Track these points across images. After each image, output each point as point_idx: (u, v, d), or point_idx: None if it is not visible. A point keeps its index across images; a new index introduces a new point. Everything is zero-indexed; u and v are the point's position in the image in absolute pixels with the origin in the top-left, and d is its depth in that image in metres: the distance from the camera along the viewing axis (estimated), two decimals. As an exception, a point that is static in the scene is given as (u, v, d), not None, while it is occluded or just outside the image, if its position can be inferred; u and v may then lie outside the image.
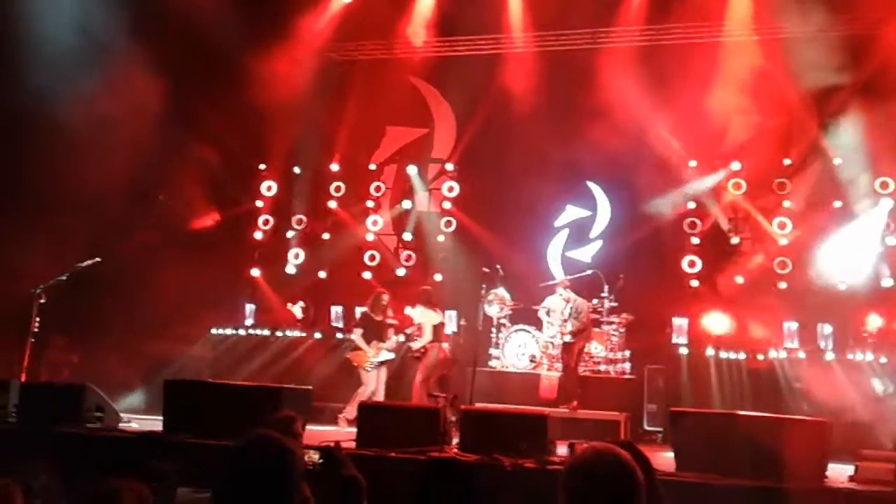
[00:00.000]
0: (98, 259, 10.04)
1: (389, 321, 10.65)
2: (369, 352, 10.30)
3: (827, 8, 11.23)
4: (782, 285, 11.80)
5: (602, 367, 11.52)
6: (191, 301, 12.04)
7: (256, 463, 2.65)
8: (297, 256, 13.92)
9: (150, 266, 12.02)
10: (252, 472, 2.63)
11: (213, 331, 13.21)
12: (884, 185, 11.56)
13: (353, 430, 8.20)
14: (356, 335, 10.48)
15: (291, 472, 2.66)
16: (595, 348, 11.56)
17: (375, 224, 13.87)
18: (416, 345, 10.43)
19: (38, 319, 9.66)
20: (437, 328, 10.48)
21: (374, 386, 10.28)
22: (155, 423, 8.52)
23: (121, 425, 8.57)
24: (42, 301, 9.64)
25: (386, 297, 10.66)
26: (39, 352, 10.40)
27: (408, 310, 11.03)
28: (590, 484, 2.36)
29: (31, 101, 10.27)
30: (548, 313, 11.45)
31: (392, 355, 10.46)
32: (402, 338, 10.52)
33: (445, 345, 10.56)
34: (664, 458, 7.53)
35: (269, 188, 14.04)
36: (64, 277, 9.78)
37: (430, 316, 10.46)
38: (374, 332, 10.43)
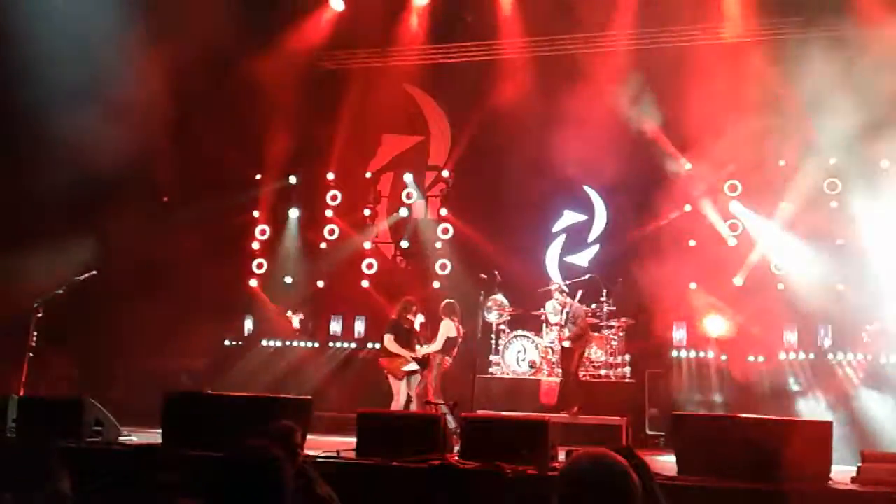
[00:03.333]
0: (95, 272, 10.01)
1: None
2: (407, 356, 9.99)
3: (819, 8, 11.31)
4: (780, 287, 11.79)
5: (602, 372, 11.51)
6: (190, 313, 12.02)
7: (245, 472, 2.64)
8: (294, 266, 13.89)
9: (149, 278, 12.01)
10: (241, 482, 2.62)
11: (213, 342, 13.20)
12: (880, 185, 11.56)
13: (353, 439, 8.16)
14: (388, 341, 10.08)
15: (281, 480, 2.65)
16: (595, 353, 11.55)
17: (373, 232, 13.87)
18: (421, 350, 10.16)
19: (35, 334, 9.63)
20: (450, 341, 10.27)
21: (404, 397, 9.98)
22: (154, 436, 8.48)
23: (120, 439, 8.54)
24: (40, 315, 9.60)
25: (415, 305, 10.36)
26: (38, 366, 10.37)
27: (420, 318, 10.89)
28: (584, 490, 2.35)
29: (26, 108, 10.27)
30: (547, 318, 11.44)
31: (419, 367, 10.11)
32: (433, 347, 10.19)
33: (449, 358, 10.36)
34: (666, 462, 7.51)
35: (265, 198, 14.03)
36: (61, 291, 9.75)
37: (449, 327, 10.24)
38: (404, 339, 10.12)
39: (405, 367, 9.98)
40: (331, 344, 13.27)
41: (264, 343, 13.33)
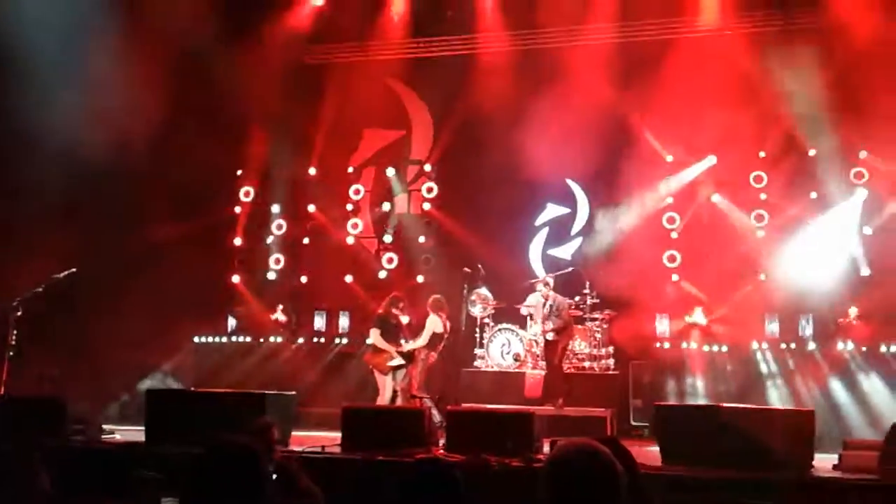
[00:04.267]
0: (74, 270, 9.91)
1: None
2: (392, 352, 9.95)
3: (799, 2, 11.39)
4: (762, 277, 11.88)
5: (586, 364, 11.55)
6: (172, 310, 11.93)
7: (224, 466, 2.62)
8: (277, 262, 13.83)
9: (130, 275, 11.91)
10: (220, 475, 2.60)
11: (196, 339, 13.12)
12: (858, 176, 11.68)
13: (338, 434, 8.15)
14: (374, 336, 10.07)
15: (259, 473, 2.63)
16: (579, 345, 11.59)
17: (356, 227, 13.82)
18: (407, 346, 10.10)
19: (15, 333, 9.53)
20: (436, 336, 10.19)
21: (390, 392, 9.95)
22: (137, 434, 8.43)
23: (103, 437, 8.48)
24: (19, 314, 9.50)
25: (402, 301, 10.32)
26: (19, 366, 10.26)
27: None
28: (569, 480, 2.35)
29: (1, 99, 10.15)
30: (531, 312, 11.46)
31: (405, 362, 10.06)
32: (418, 343, 10.14)
33: (434, 353, 10.31)
34: (651, 453, 7.56)
35: (247, 194, 13.94)
36: (40, 289, 9.65)
37: (436, 323, 10.18)
38: (391, 334, 10.10)
39: (390, 361, 9.95)
40: (315, 339, 13.22)
41: (247, 339, 13.25)
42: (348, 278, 13.45)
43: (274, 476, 3.88)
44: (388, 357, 9.96)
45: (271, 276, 13.77)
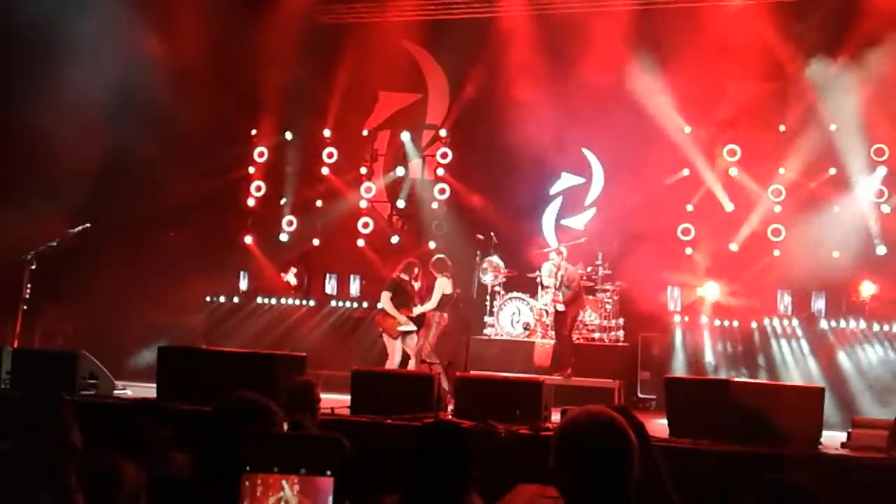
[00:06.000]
0: (88, 225, 9.93)
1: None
2: (399, 318, 9.96)
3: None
4: (776, 253, 11.79)
5: (596, 335, 11.55)
6: (184, 269, 11.98)
7: (238, 422, 2.63)
8: (290, 224, 13.83)
9: (143, 234, 11.94)
10: (234, 433, 2.61)
11: (207, 298, 13.19)
12: (879, 153, 11.51)
13: (347, 396, 8.20)
14: (384, 299, 10.04)
15: (267, 432, 2.64)
16: (589, 316, 11.57)
17: (369, 191, 13.78)
18: (417, 309, 10.02)
19: (29, 287, 9.58)
20: (446, 297, 10.16)
21: (399, 356, 9.98)
22: (149, 391, 8.51)
23: (115, 392, 8.56)
24: (33, 267, 9.54)
25: (417, 268, 10.25)
26: (33, 320, 10.35)
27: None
28: (582, 447, 2.33)
29: (11, 59, 10.11)
30: (542, 281, 11.44)
31: (415, 327, 10.04)
32: (427, 306, 10.07)
33: (446, 315, 10.31)
34: (658, 425, 7.56)
35: (260, 154, 13.89)
36: (54, 244, 9.67)
37: (444, 284, 10.15)
38: (403, 300, 10.05)
39: (400, 326, 9.97)
40: (326, 302, 13.26)
41: (259, 300, 13.31)
42: (360, 242, 13.45)
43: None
44: (398, 321, 9.98)
45: (284, 237, 13.77)
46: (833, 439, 7.26)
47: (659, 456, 2.89)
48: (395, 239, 13.47)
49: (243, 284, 13.61)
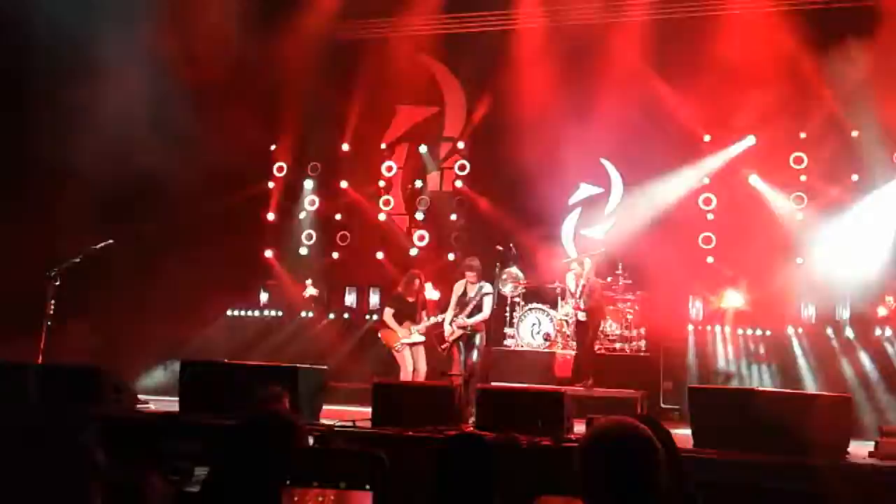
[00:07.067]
0: (111, 241, 10.02)
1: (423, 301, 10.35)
2: (400, 332, 9.99)
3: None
4: (799, 261, 11.68)
5: (618, 345, 11.49)
6: (206, 283, 12.06)
7: (260, 437, 2.64)
8: (309, 238, 13.90)
9: (166, 249, 12.03)
10: (261, 447, 2.62)
11: (229, 312, 13.26)
12: (903, 158, 11.40)
13: (368, 409, 8.20)
14: (387, 315, 10.14)
15: (293, 446, 2.65)
16: (610, 326, 11.52)
17: (388, 204, 13.82)
18: (471, 320, 9.78)
19: (53, 303, 9.66)
20: (460, 300, 9.95)
21: (410, 367, 9.99)
22: (172, 405, 8.56)
23: (138, 407, 8.62)
24: (57, 284, 9.62)
25: (419, 279, 10.29)
26: (58, 335, 10.42)
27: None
28: (609, 457, 2.32)
29: (37, 76, 10.24)
30: (563, 291, 11.40)
31: (423, 338, 10.03)
32: (438, 318, 10.05)
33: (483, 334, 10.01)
34: (681, 436, 7.49)
35: (280, 169, 14.00)
36: (78, 260, 9.76)
37: (455, 289, 10.03)
38: (406, 312, 10.09)
39: (401, 340, 9.98)
40: (345, 315, 13.30)
41: (279, 313, 13.37)
42: (379, 255, 13.48)
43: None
44: (397, 335, 10.01)
45: (303, 251, 13.85)
46: (860, 448, 7.16)
47: (685, 466, 2.87)
48: (413, 251, 13.49)
49: (264, 298, 13.68)
